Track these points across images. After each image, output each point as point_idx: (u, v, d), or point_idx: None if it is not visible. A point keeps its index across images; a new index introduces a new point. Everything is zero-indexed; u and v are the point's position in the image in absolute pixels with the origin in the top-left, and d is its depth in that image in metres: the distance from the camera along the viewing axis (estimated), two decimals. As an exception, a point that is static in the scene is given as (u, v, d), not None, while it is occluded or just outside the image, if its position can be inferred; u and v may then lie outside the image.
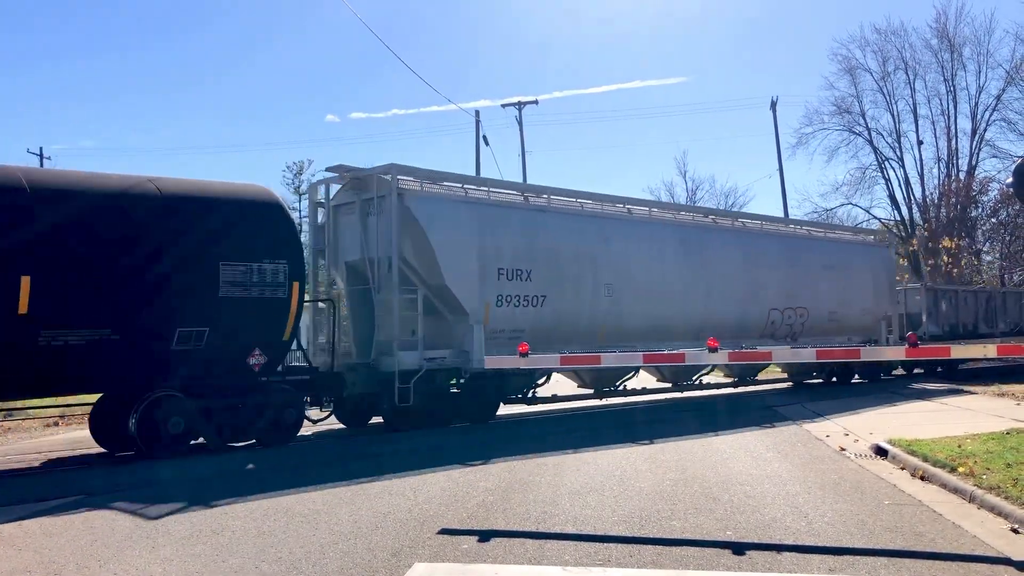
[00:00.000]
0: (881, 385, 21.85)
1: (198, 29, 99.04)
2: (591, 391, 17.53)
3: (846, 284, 22.26)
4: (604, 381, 17.55)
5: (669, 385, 19.50)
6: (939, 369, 25.74)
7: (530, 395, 16.27)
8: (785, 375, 23.97)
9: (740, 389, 21.06)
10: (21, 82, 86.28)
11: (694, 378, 19.69)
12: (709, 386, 20.27)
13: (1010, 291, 32.29)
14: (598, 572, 5.32)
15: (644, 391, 18.70)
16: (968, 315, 28.07)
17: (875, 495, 7.49)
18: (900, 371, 26.50)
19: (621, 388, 17.94)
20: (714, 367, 19.19)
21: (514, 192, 16.72)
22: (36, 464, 11.53)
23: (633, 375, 18.22)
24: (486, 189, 15.80)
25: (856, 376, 23.69)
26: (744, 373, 21.16)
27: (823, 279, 21.62)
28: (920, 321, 26.05)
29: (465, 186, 15.57)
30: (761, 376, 22.42)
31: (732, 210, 20.34)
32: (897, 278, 41.45)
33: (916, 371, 26.38)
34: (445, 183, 15.28)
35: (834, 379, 23.11)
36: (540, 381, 16.45)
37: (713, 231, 20.00)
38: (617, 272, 16.78)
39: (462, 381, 14.75)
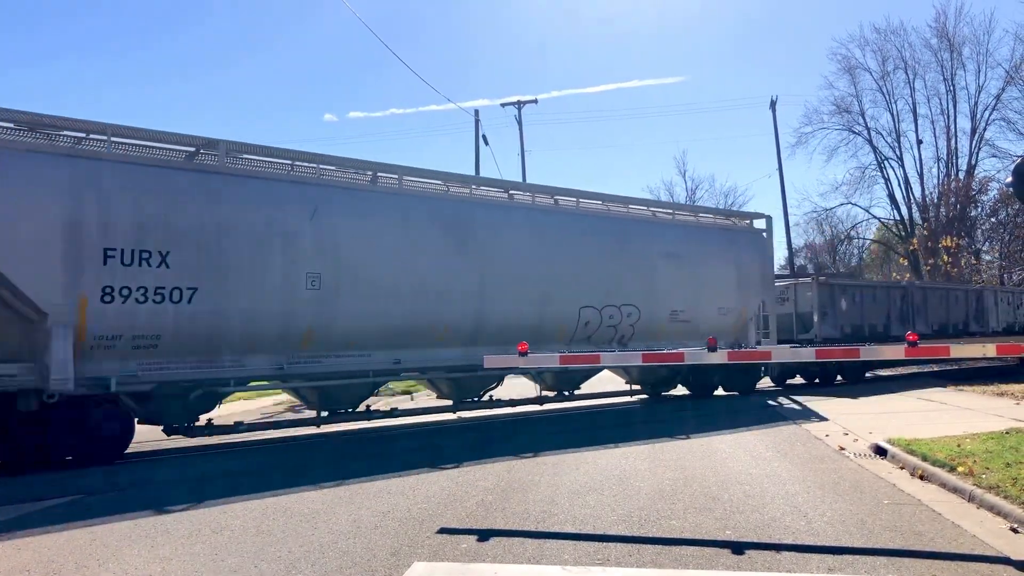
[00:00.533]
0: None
1: (196, 28, 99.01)
2: (314, 415, 13.56)
3: (698, 277, 18.36)
4: (340, 400, 13.64)
5: (449, 403, 15.25)
6: (838, 378, 22.95)
7: (198, 424, 12.21)
8: (629, 387, 18.82)
9: (550, 407, 16.90)
10: (21, 82, 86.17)
11: (482, 393, 15.62)
12: (500, 403, 15.74)
13: (932, 287, 28.68)
14: (598, 571, 5.31)
15: (395, 412, 14.50)
16: (877, 315, 24.39)
17: (874, 494, 7.49)
18: (799, 379, 23.03)
19: (365, 410, 14.01)
20: (499, 382, 15.76)
21: (174, 147, 12.08)
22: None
23: (373, 395, 14.56)
24: (104, 139, 11.34)
25: (721, 388, 19.54)
26: (562, 384, 16.89)
27: (664, 271, 17.70)
28: (811, 322, 22.52)
29: (90, 135, 11.38)
30: (588, 387, 17.85)
31: (530, 183, 16.75)
32: (899, 277, 41.58)
33: (801, 380, 22.91)
34: (43, 128, 11.13)
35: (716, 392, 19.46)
36: (214, 410, 12.46)
37: (498, 209, 15.74)
38: (332, 258, 12.85)
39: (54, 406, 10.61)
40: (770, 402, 17.27)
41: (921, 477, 8.12)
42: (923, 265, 42.54)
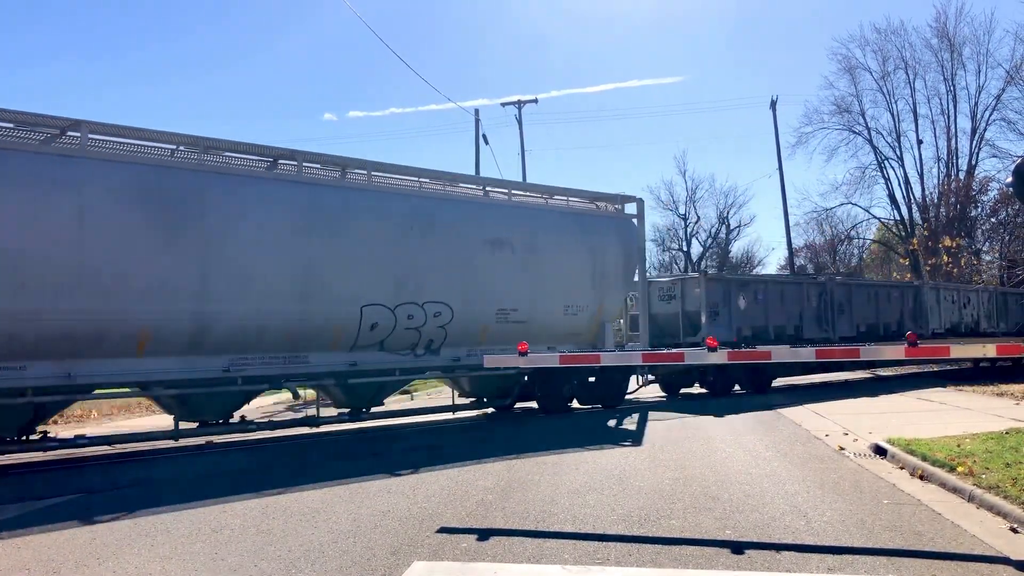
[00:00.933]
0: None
1: (196, 28, 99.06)
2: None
3: (538, 269, 15.44)
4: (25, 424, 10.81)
5: (193, 426, 12.28)
6: (736, 388, 20.34)
7: None
8: (452, 402, 15.67)
9: (330, 429, 13.85)
10: (20, 81, 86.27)
11: (237, 414, 12.67)
12: (254, 425, 12.82)
13: (858, 283, 25.19)
14: (597, 571, 5.31)
15: (46, 443, 11.25)
16: (787, 315, 21.60)
17: (874, 494, 7.49)
18: (698, 388, 20.48)
19: (34, 439, 11.13)
20: (247, 399, 12.77)
21: None
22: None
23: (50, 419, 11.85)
24: None
25: (576, 401, 16.70)
26: (355, 399, 13.63)
27: (490, 261, 14.80)
28: (699, 323, 19.63)
29: None
30: (398, 400, 14.90)
31: (304, 150, 13.09)
32: (899, 276, 41.41)
33: (700, 390, 20.33)
34: None
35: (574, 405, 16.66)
36: None
37: (246, 182, 12.31)
38: None
39: None
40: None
41: (921, 477, 8.12)
42: (923, 265, 42.57)
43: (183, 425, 12.15)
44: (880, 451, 9.72)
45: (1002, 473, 7.53)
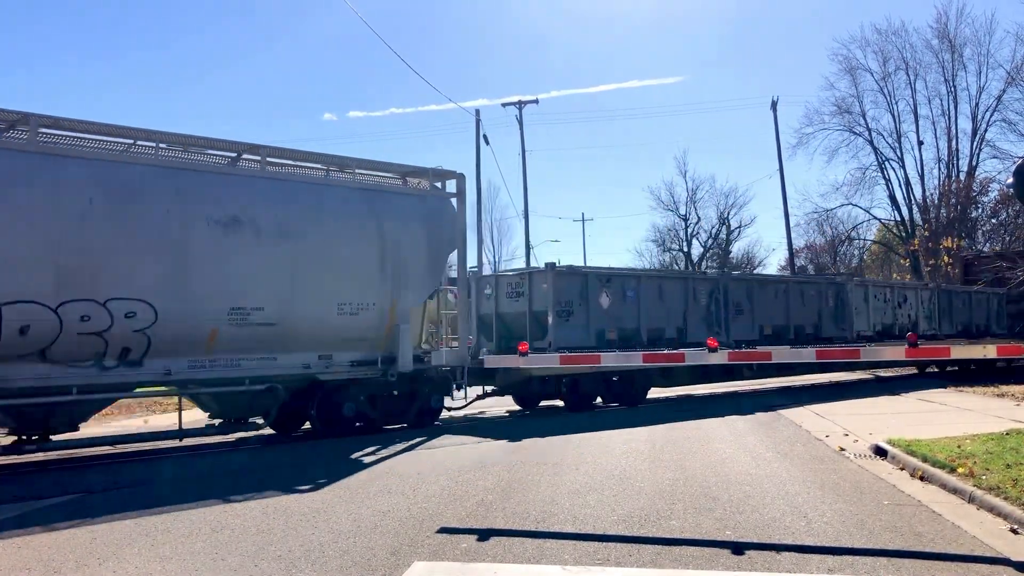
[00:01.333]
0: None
1: (196, 29, 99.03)
2: None
3: (295, 258, 12.35)
4: None
5: None
6: (598, 401, 17.60)
7: None
8: (178, 426, 11.78)
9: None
10: (20, 81, 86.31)
11: None
12: None
13: (761, 279, 22.36)
14: (597, 571, 5.32)
15: None
16: (667, 315, 18.77)
17: (874, 495, 7.50)
18: (564, 402, 17.41)
19: None
20: None
21: None
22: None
23: None
24: None
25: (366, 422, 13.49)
26: (25, 425, 10.67)
27: (216, 247, 11.64)
28: (545, 324, 17.00)
29: None
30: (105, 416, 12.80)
31: None
32: (899, 277, 41.23)
33: (554, 403, 17.62)
34: None
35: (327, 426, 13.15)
36: None
37: None
38: None
39: None
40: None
41: (921, 478, 8.12)
42: (924, 266, 42.60)
43: None
44: (880, 452, 9.73)
45: (1002, 474, 7.53)
